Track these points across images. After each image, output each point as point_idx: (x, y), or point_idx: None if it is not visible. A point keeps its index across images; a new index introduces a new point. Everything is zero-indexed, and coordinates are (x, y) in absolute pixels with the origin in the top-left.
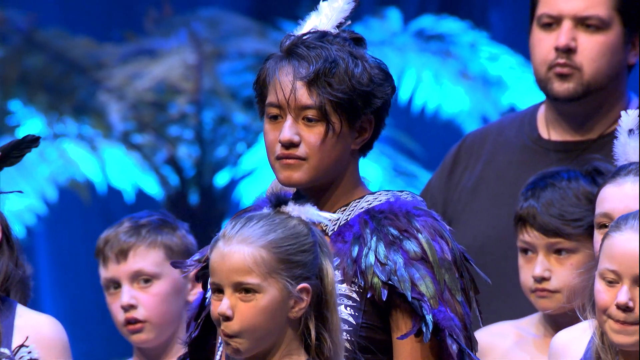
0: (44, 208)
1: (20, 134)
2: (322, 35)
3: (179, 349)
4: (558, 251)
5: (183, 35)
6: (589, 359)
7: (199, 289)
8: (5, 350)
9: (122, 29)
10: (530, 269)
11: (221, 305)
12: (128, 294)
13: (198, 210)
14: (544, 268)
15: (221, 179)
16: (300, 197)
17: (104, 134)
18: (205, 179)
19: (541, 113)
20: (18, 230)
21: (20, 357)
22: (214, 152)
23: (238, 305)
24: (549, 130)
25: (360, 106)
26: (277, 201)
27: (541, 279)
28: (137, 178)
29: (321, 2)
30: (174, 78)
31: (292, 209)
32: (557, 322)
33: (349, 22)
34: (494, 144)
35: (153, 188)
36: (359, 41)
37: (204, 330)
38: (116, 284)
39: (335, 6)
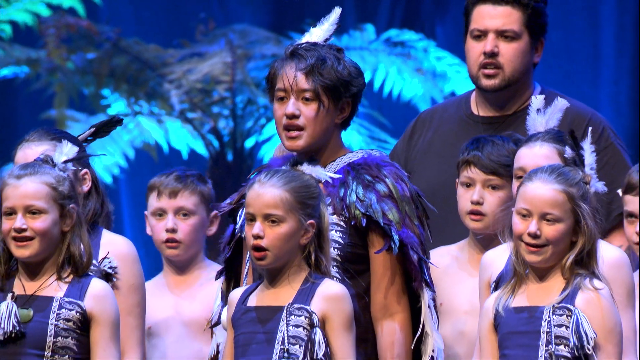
0: (125, 163)
1: (110, 112)
2: (315, 44)
3: (200, 264)
4: (491, 186)
5: (222, 43)
6: (508, 270)
7: (216, 226)
8: (94, 261)
9: (180, 38)
10: (469, 197)
11: (254, 228)
12: (172, 221)
13: (233, 165)
14: (480, 195)
15: (249, 143)
16: (312, 160)
17: (167, 112)
18: (237, 143)
19: (473, 96)
20: (107, 178)
21: (104, 266)
22: (244, 124)
23: (266, 230)
24: (478, 109)
25: (342, 91)
26: (295, 162)
27: (477, 203)
28: (190, 142)
29: (311, 28)
30: (216, 72)
31: (305, 168)
32: (479, 245)
33: (333, 38)
34: (440, 119)
35: (201, 149)
36: (340, 50)
37: (234, 252)
38: (163, 213)
39: (323, 28)
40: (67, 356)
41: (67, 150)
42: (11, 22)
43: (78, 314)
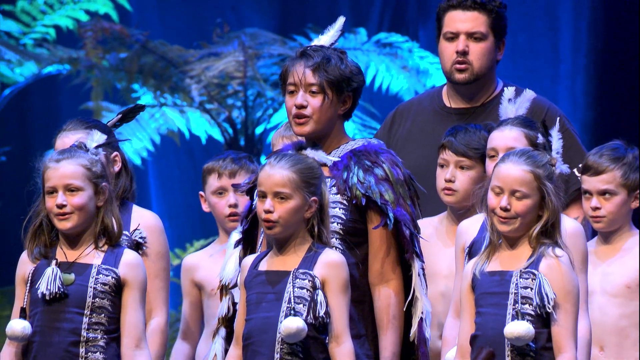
0: (152, 147)
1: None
2: (321, 47)
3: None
4: (461, 167)
5: (235, 44)
6: (482, 237)
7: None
8: (125, 232)
9: (199, 40)
10: (444, 176)
11: (266, 204)
12: (234, 197)
13: (245, 149)
14: (452, 174)
15: (258, 130)
16: (315, 145)
17: (188, 104)
18: (249, 130)
19: (444, 90)
20: (137, 160)
21: (135, 236)
22: (254, 114)
23: (276, 206)
24: (449, 101)
25: (344, 86)
26: (300, 147)
27: (449, 180)
28: (208, 129)
29: (319, 35)
30: (230, 69)
31: (309, 152)
32: (455, 217)
33: (337, 42)
34: (416, 110)
35: (217, 136)
36: (343, 52)
37: (251, 224)
38: (224, 191)
39: (329, 34)
40: (103, 314)
41: (97, 137)
42: (55, 27)
43: (113, 279)
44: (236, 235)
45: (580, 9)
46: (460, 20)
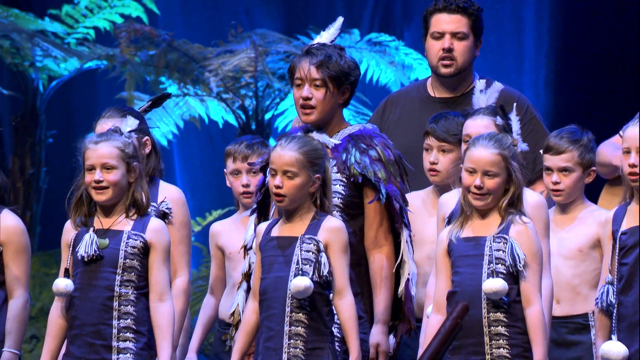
0: (176, 131)
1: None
2: (323, 45)
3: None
4: (443, 150)
5: (247, 42)
6: (458, 209)
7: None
8: (154, 203)
9: (216, 39)
10: (428, 159)
11: (276, 180)
12: (246, 178)
13: (255, 132)
14: (435, 157)
15: (267, 116)
16: (319, 129)
17: (207, 94)
18: (259, 117)
19: (429, 82)
20: (163, 142)
21: (162, 207)
22: (263, 103)
23: (285, 182)
24: (434, 91)
25: (343, 80)
26: (307, 130)
27: (433, 163)
28: (224, 116)
29: (322, 32)
30: (243, 64)
31: (315, 135)
32: (439, 191)
33: (337, 39)
34: (405, 99)
35: (232, 121)
36: (342, 49)
37: (264, 196)
38: (238, 172)
39: (330, 32)
40: (133, 273)
41: (130, 122)
42: (94, 28)
43: (141, 243)
44: None
45: (542, 14)
46: (446, 22)
